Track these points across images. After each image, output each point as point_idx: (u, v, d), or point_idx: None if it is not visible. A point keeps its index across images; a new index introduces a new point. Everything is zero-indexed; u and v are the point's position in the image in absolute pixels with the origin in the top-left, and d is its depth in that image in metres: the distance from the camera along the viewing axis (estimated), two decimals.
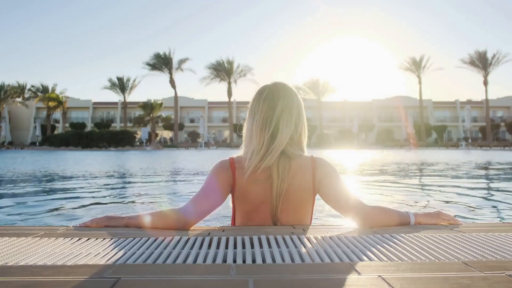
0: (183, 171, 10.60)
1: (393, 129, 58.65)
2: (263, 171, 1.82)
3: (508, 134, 57.82)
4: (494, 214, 4.01)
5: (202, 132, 46.43)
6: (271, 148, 1.81)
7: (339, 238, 1.60)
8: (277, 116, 1.84)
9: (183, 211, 1.83)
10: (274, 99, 1.87)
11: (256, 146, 1.84)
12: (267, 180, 1.83)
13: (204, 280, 1.09)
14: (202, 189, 1.86)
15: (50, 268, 1.22)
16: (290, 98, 1.90)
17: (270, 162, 1.80)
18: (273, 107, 1.86)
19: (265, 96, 1.89)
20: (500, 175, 9.04)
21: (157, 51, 54.08)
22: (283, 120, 1.84)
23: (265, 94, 1.90)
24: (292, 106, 1.89)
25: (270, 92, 1.90)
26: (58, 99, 53.17)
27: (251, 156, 1.83)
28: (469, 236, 1.64)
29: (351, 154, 22.88)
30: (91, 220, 1.96)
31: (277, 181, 1.81)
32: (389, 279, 1.09)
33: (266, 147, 1.82)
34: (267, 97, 1.89)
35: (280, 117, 1.84)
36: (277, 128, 1.83)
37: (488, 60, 51.13)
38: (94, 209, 4.46)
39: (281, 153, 1.83)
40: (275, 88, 1.92)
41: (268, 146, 1.82)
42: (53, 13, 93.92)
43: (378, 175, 9.08)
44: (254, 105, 1.91)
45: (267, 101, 1.87)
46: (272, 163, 1.81)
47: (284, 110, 1.86)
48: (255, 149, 1.84)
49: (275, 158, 1.81)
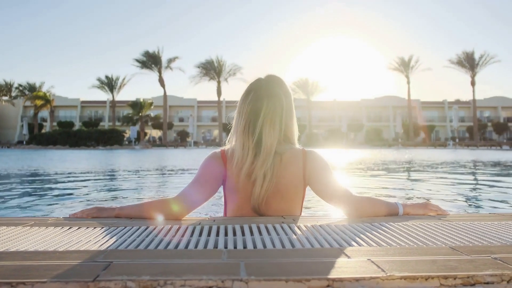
0: (174, 169, 10.57)
1: (381, 129, 58.98)
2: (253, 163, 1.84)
3: (495, 134, 58.53)
4: (478, 207, 4.08)
5: (191, 131, 46.32)
6: (258, 159, 1.80)
7: (329, 226, 1.62)
8: (260, 123, 1.82)
9: (175, 201, 1.83)
10: (258, 100, 1.85)
11: (239, 151, 1.83)
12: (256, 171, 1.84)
13: (196, 264, 1.10)
14: (194, 180, 1.87)
15: (42, 253, 1.22)
16: (276, 97, 1.88)
17: (261, 171, 1.80)
18: (257, 111, 1.84)
19: (250, 98, 1.87)
20: (486, 172, 9.16)
21: (146, 49, 53.72)
22: (267, 127, 1.82)
23: (250, 96, 1.88)
24: (276, 108, 1.86)
25: (255, 92, 1.88)
26: (45, 98, 52.63)
27: (238, 161, 1.83)
28: (456, 224, 1.68)
29: (341, 153, 22.99)
30: (81, 211, 1.96)
31: (261, 181, 1.81)
32: (378, 262, 1.11)
33: (252, 156, 1.81)
34: (252, 98, 1.87)
35: (264, 124, 1.82)
36: (260, 136, 1.82)
37: (475, 60, 51.61)
38: (84, 202, 4.43)
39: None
40: (260, 87, 1.90)
41: (254, 155, 1.81)
42: (41, 12, 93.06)
43: (368, 171, 9.15)
44: (240, 105, 1.91)
45: (251, 104, 1.86)
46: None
47: (267, 115, 1.83)
48: (239, 154, 1.83)
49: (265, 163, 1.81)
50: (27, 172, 9.50)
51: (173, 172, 9.52)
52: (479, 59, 51.62)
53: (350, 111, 62.59)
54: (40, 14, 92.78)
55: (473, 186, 6.42)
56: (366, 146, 44.01)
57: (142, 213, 1.87)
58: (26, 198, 4.90)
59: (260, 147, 1.81)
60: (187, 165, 12.40)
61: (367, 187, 6.11)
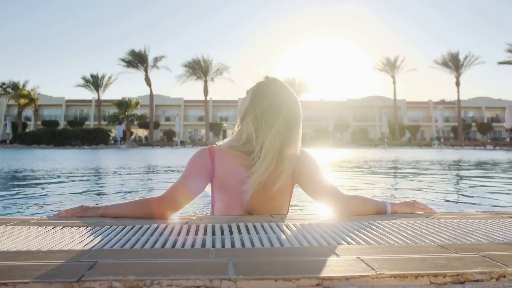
0: (160, 168, 10.50)
1: (368, 129, 59.40)
2: (244, 161, 1.82)
3: (479, 134, 59.28)
4: (463, 203, 4.12)
5: (178, 131, 46.09)
6: (263, 162, 1.79)
7: (317, 225, 1.61)
8: (274, 134, 1.82)
9: (162, 200, 1.80)
10: (276, 114, 1.83)
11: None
12: (247, 170, 1.82)
13: (184, 263, 1.08)
14: (181, 177, 1.84)
15: (24, 253, 1.19)
16: (292, 111, 1.87)
17: (262, 175, 1.79)
18: (272, 123, 1.82)
19: (269, 105, 1.84)
20: (470, 171, 9.26)
21: (132, 48, 53.31)
22: (281, 134, 1.83)
23: (268, 103, 1.85)
24: (291, 121, 1.86)
25: (273, 102, 1.85)
26: (29, 96, 51.94)
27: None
28: (444, 222, 1.68)
29: (328, 153, 23.07)
30: (65, 211, 1.92)
31: (259, 175, 1.79)
32: (368, 260, 1.10)
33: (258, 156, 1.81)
34: (271, 108, 1.84)
35: (279, 131, 1.82)
36: (273, 141, 1.81)
37: (460, 61, 52.20)
38: (69, 201, 4.37)
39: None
40: (278, 98, 1.86)
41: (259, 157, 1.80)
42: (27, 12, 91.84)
43: (356, 170, 9.19)
44: (256, 104, 1.86)
45: (271, 114, 1.83)
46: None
47: (281, 128, 1.83)
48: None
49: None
50: (9, 171, 9.36)
51: (159, 171, 9.45)
52: (464, 59, 52.24)
53: (336, 111, 62.90)
54: (26, 13, 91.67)
55: (458, 185, 6.48)
56: (353, 145, 44.26)
57: (127, 213, 1.84)
58: (8, 198, 4.82)
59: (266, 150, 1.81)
60: (173, 164, 12.33)
61: (354, 185, 6.13)
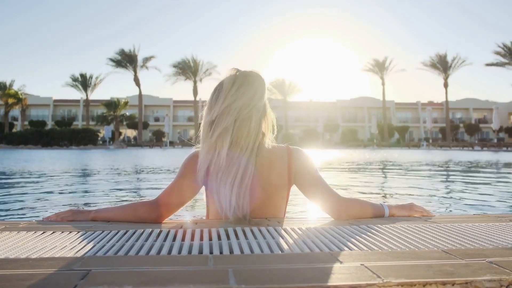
0: (150, 169, 10.41)
1: (357, 129, 59.59)
2: (232, 164, 1.74)
3: (467, 135, 59.80)
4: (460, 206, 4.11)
5: (167, 131, 45.84)
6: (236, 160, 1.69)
7: (316, 229, 1.57)
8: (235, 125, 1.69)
9: (155, 203, 1.75)
10: (232, 102, 1.69)
11: (205, 152, 1.72)
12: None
13: (181, 271, 1.04)
14: (175, 181, 1.79)
15: (13, 261, 1.14)
16: (250, 98, 1.72)
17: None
18: (228, 112, 1.68)
19: (223, 94, 1.70)
20: (458, 171, 9.31)
21: (122, 48, 52.98)
22: (242, 130, 1.70)
23: (222, 91, 1.71)
24: (252, 114, 1.71)
25: (226, 89, 1.70)
26: (17, 96, 51.33)
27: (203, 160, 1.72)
28: (445, 226, 1.65)
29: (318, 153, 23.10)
30: (55, 215, 1.87)
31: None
32: (372, 267, 1.06)
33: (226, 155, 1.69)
34: (226, 95, 1.69)
35: (238, 127, 1.70)
36: (236, 139, 1.70)
37: (448, 63, 52.59)
38: (58, 205, 4.29)
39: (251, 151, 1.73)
40: (233, 84, 1.71)
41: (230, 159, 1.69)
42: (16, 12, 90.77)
43: (348, 171, 9.19)
44: (213, 101, 1.74)
45: (225, 102, 1.69)
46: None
47: (243, 120, 1.70)
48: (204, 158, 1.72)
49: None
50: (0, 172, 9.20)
51: (150, 172, 9.37)
52: (452, 61, 52.63)
53: (326, 112, 63.07)
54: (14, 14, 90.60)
55: (449, 186, 6.50)
56: (342, 146, 44.39)
57: (119, 216, 1.78)
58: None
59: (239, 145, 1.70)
60: (163, 164, 12.24)
61: (348, 186, 6.12)
